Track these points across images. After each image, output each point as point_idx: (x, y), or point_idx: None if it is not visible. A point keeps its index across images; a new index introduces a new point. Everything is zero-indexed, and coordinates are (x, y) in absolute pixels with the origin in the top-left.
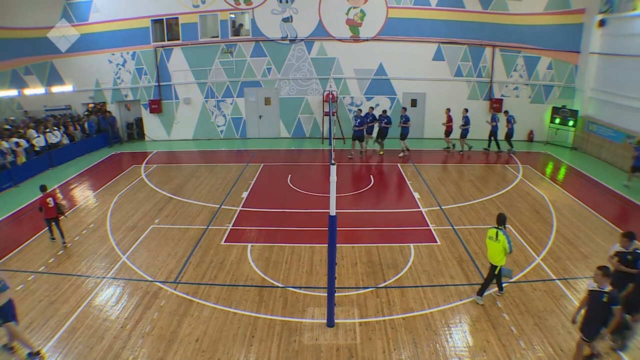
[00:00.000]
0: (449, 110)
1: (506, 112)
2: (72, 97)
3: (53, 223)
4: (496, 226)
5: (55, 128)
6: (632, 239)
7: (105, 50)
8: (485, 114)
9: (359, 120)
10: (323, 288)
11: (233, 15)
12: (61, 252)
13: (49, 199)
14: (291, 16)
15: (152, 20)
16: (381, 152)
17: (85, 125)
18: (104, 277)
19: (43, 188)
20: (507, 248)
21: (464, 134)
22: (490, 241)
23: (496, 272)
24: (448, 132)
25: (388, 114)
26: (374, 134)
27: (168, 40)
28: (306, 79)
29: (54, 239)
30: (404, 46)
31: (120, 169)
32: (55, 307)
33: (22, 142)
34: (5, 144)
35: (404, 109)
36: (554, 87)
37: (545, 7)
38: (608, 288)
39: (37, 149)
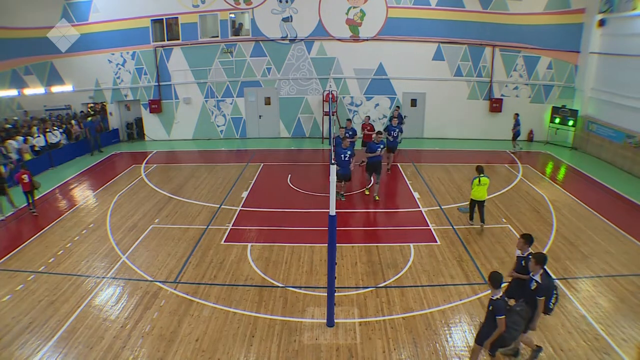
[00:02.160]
0: (368, 118)
1: (397, 107)
2: (72, 97)
3: (29, 195)
4: (477, 175)
5: (56, 128)
6: (529, 243)
7: (105, 50)
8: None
9: (349, 151)
10: (323, 288)
11: (233, 15)
12: (61, 252)
13: (24, 176)
14: (291, 16)
15: (152, 20)
16: (377, 198)
17: (80, 125)
18: (104, 277)
19: (21, 166)
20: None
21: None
22: (479, 187)
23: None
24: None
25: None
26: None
27: (168, 40)
28: (306, 79)
29: (33, 211)
30: (404, 46)
31: (120, 169)
32: (55, 307)
33: (30, 139)
34: (14, 143)
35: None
36: (553, 86)
37: (545, 7)
38: (496, 296)
39: (37, 148)
